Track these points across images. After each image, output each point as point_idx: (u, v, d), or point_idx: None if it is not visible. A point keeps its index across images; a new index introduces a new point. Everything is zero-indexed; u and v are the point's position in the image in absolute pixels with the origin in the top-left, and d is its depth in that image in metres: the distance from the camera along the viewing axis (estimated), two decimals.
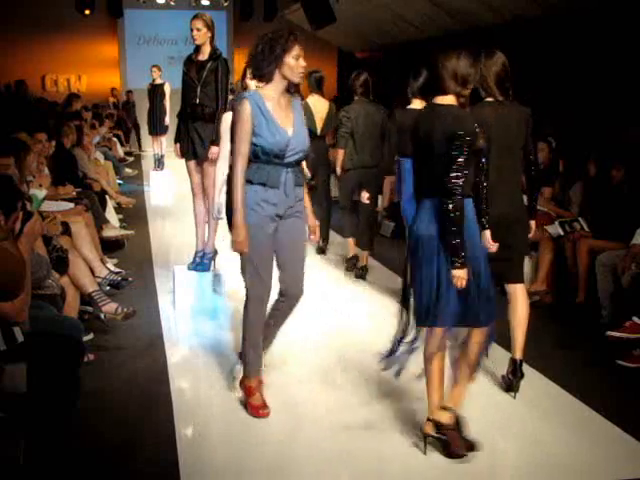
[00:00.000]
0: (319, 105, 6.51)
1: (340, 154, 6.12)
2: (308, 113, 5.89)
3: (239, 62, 15.98)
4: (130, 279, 5.50)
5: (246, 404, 3.72)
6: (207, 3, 15.44)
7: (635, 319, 4.46)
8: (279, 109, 3.47)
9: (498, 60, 3.81)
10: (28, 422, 2.98)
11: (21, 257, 2.95)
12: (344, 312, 5.38)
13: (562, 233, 5.43)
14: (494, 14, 9.08)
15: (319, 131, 6.47)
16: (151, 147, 12.68)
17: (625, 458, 3.32)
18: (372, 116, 6.05)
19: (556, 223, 5.52)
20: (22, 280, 2.97)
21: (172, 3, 15.36)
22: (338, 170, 6.22)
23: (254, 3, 15.74)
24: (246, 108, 3.37)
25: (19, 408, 2.98)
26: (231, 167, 3.52)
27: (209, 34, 5.25)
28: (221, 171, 4.62)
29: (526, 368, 4.23)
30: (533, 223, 3.93)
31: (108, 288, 5.14)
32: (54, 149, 6.85)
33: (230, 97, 5.39)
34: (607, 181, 5.52)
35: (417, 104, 5.18)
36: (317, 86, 6.54)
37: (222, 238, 4.83)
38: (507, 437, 3.49)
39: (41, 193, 5.55)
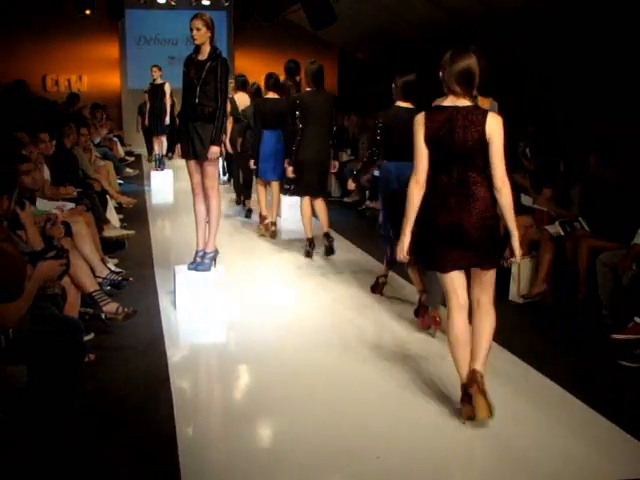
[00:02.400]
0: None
1: None
2: None
3: (239, 62, 16.03)
4: (131, 279, 5.51)
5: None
6: (207, 3, 15.42)
7: (637, 319, 4.47)
8: None
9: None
10: (28, 422, 2.98)
11: (20, 257, 2.95)
12: (342, 311, 5.38)
13: (562, 233, 5.42)
14: (494, 13, 9.07)
15: None
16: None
17: (626, 458, 3.32)
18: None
19: (556, 223, 5.52)
20: (22, 282, 2.96)
21: (173, 3, 15.34)
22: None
23: (254, 3, 15.72)
24: None
25: (19, 408, 2.98)
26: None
27: (209, 34, 5.25)
28: None
29: (526, 368, 4.24)
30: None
31: (109, 288, 5.15)
32: (54, 149, 6.85)
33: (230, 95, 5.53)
34: (605, 180, 5.50)
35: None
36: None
37: None
38: (507, 437, 3.49)
39: (43, 203, 5.57)
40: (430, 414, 3.70)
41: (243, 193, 9.31)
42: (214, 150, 5.28)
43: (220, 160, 6.78)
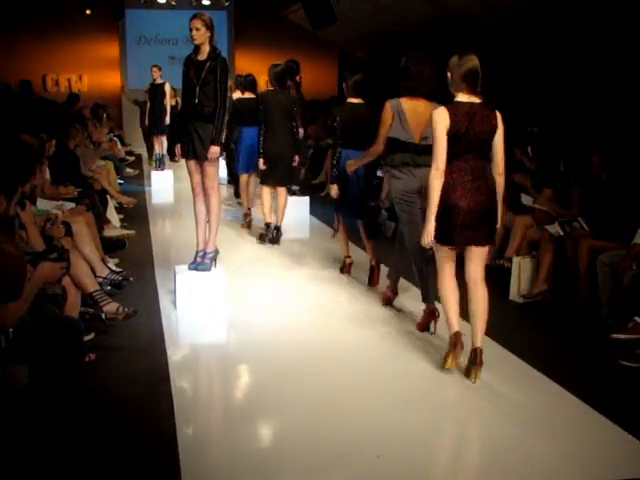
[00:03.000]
0: None
1: None
2: None
3: (239, 62, 16.04)
4: (131, 279, 5.50)
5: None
6: (208, 3, 15.43)
7: (637, 319, 4.47)
8: None
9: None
10: (29, 422, 2.98)
11: (21, 258, 2.95)
12: (342, 311, 5.38)
13: (562, 233, 5.42)
14: (495, 14, 9.07)
15: None
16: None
17: (626, 458, 3.32)
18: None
19: (556, 223, 5.52)
20: (22, 282, 2.96)
21: (173, 3, 15.35)
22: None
23: (254, 3, 15.74)
24: None
25: (20, 408, 2.98)
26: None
27: (208, 34, 5.25)
28: None
29: (527, 368, 4.24)
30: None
31: (109, 288, 5.14)
32: (54, 149, 6.85)
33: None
34: (605, 180, 5.50)
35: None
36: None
37: None
38: (507, 436, 3.49)
39: (43, 203, 5.57)
40: (430, 414, 3.70)
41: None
42: (214, 150, 5.28)
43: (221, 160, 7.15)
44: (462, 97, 3.97)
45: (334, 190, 5.75)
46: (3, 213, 3.08)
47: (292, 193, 8.23)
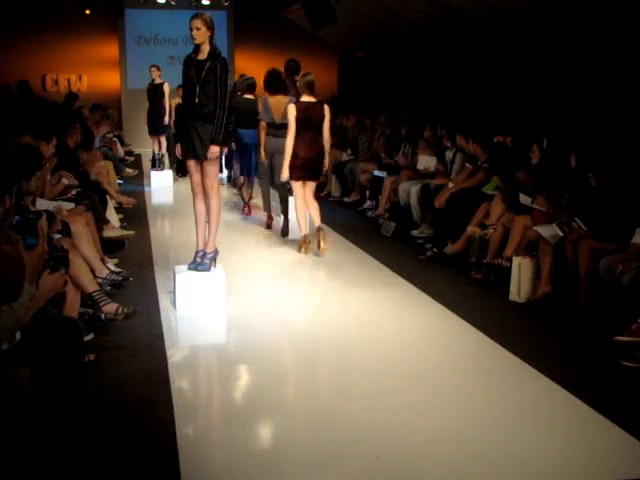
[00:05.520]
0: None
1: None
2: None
3: (239, 62, 16.04)
4: (130, 279, 5.50)
5: None
6: (207, 3, 15.43)
7: None
8: None
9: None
10: (29, 422, 2.98)
11: (20, 259, 2.94)
12: (342, 311, 5.38)
13: (561, 234, 5.40)
14: (497, 15, 9.08)
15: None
16: (151, 147, 12.68)
17: (626, 458, 3.32)
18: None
19: (554, 225, 5.49)
20: (20, 284, 2.95)
21: (172, 3, 15.35)
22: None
23: (254, 3, 15.74)
24: None
25: (21, 409, 2.98)
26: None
27: (208, 33, 5.26)
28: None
29: (527, 368, 4.24)
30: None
31: (109, 288, 5.14)
32: (54, 149, 6.83)
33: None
34: (602, 184, 5.47)
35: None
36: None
37: None
38: (506, 436, 3.49)
39: (42, 203, 5.56)
40: (431, 414, 3.70)
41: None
42: (214, 150, 5.28)
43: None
44: (304, 98, 6.80)
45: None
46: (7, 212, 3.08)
47: (292, 193, 8.22)
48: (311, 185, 6.97)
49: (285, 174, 6.82)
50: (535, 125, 7.91)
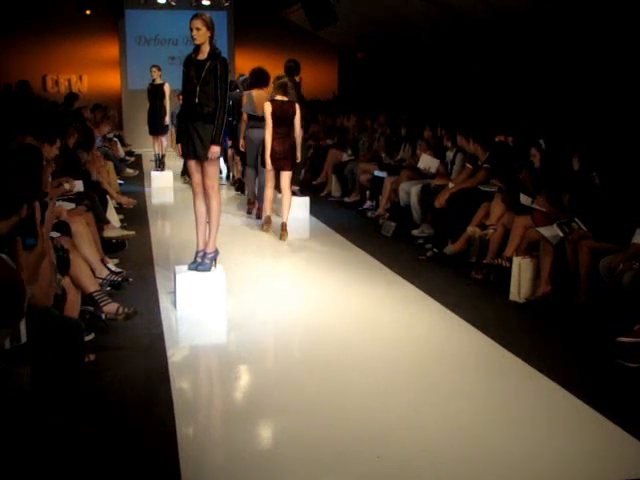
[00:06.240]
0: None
1: None
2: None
3: (239, 62, 16.03)
4: (131, 279, 5.50)
5: None
6: (207, 3, 15.41)
7: None
8: None
9: None
10: (29, 422, 2.98)
11: (18, 266, 2.92)
12: (342, 310, 5.38)
13: (562, 234, 5.40)
14: (497, 15, 9.08)
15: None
16: (151, 147, 12.69)
17: (627, 458, 3.32)
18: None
19: (554, 226, 5.49)
20: (21, 292, 2.92)
21: (173, 3, 15.34)
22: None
23: (254, 3, 15.74)
24: None
25: (23, 409, 2.98)
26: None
27: (209, 34, 5.26)
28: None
29: (528, 368, 4.24)
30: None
31: (109, 288, 5.14)
32: (58, 151, 6.83)
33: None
34: (600, 183, 5.47)
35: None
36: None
37: None
38: (507, 436, 3.49)
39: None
40: (431, 414, 3.70)
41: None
42: (214, 150, 5.28)
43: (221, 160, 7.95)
44: (278, 97, 7.65)
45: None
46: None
47: (292, 193, 8.25)
48: (286, 176, 7.78)
49: (268, 164, 7.69)
50: (535, 125, 7.91)
